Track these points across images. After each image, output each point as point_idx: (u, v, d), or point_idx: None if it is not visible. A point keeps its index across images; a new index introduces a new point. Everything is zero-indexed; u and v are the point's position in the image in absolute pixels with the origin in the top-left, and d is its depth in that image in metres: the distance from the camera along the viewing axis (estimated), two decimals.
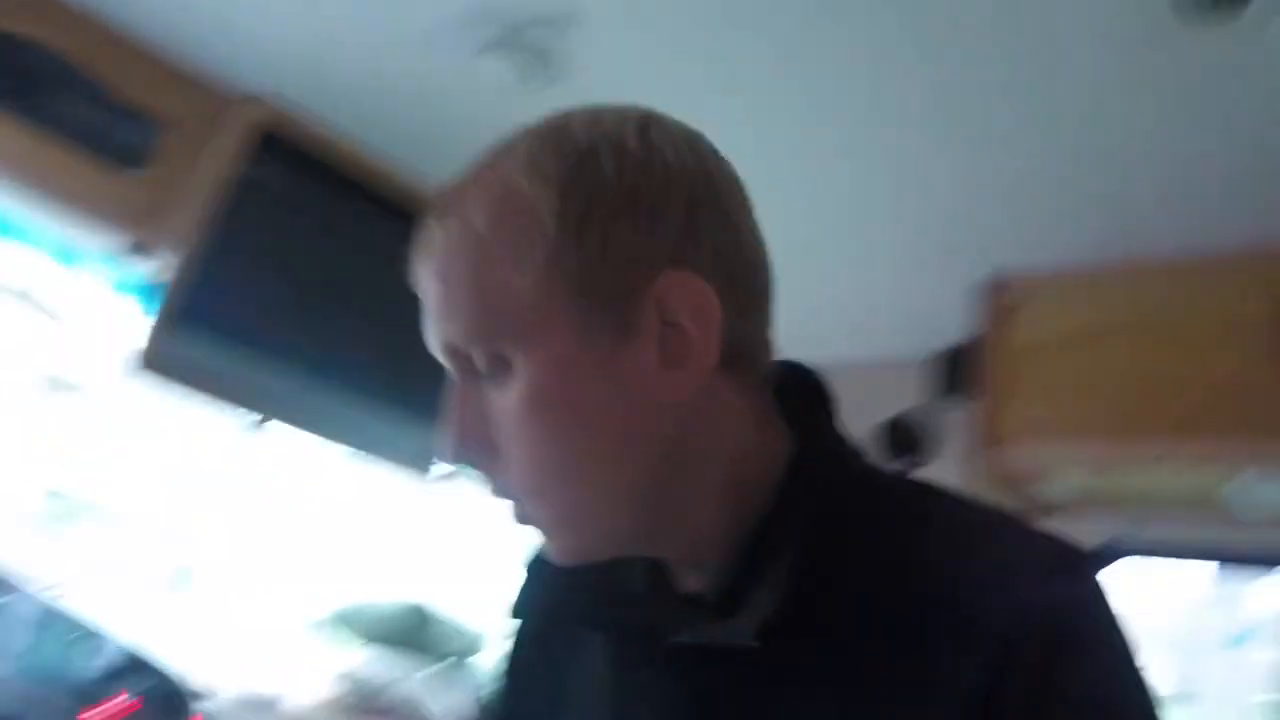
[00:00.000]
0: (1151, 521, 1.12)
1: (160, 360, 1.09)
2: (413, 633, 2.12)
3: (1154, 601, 3.50)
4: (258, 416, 1.19)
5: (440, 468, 1.27)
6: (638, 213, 0.36)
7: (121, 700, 1.54)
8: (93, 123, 1.08)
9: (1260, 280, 0.95)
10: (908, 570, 0.35)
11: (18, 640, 1.52)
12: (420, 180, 1.25)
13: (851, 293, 1.38)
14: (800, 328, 0.54)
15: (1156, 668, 0.35)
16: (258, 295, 1.16)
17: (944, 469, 1.29)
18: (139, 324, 1.11)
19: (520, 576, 0.48)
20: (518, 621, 0.53)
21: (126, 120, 1.11)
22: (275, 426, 1.23)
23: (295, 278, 1.20)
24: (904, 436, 1.38)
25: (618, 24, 0.92)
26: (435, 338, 0.40)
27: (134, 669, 1.56)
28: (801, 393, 0.43)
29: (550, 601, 0.47)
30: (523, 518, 0.40)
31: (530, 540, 0.43)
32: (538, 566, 0.46)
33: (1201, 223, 0.99)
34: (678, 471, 0.38)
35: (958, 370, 1.30)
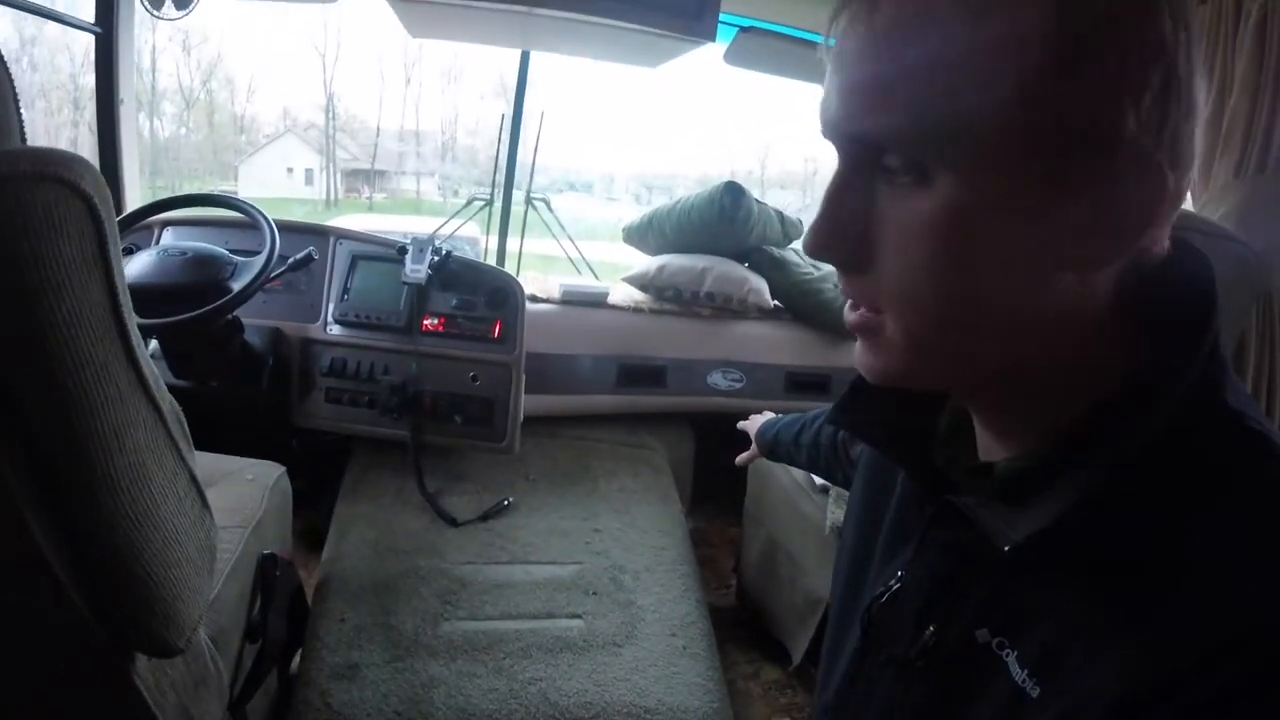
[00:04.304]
0: None
1: None
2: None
3: None
4: None
5: None
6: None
7: None
8: None
9: None
10: (1196, 541, 0.31)
11: None
12: None
13: None
14: None
15: None
16: None
17: None
18: None
19: (847, 391, 0.48)
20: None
21: None
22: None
23: None
24: None
25: None
26: (852, 122, 0.34)
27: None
28: (1176, 297, 0.36)
29: (861, 421, 0.48)
30: (862, 324, 0.38)
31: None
32: (862, 386, 0.47)
33: None
34: (1030, 343, 0.35)
35: None
